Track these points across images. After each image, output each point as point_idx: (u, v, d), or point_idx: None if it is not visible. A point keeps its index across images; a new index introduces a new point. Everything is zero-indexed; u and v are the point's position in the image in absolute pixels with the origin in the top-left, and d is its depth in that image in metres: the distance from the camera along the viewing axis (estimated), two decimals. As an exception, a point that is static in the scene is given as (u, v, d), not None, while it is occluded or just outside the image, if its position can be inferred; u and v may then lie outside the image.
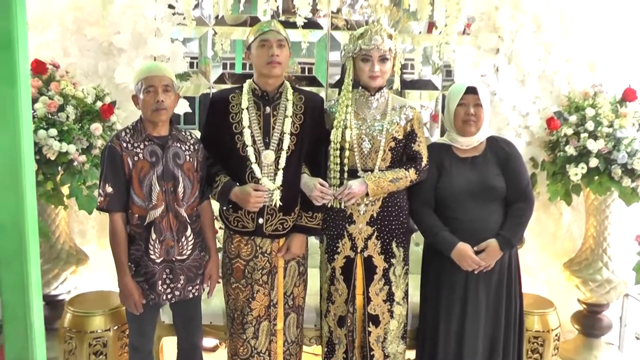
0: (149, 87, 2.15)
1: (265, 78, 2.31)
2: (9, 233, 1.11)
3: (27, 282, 1.12)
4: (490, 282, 2.39)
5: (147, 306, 2.24)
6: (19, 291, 1.12)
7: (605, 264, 2.99)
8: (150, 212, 2.17)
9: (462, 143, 2.43)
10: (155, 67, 2.22)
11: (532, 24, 2.94)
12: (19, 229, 1.11)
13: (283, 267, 2.41)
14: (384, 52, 2.34)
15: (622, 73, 2.97)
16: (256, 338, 2.41)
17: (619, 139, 2.72)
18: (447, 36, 2.89)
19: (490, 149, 2.44)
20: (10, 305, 1.13)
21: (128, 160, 2.15)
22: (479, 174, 2.39)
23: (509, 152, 2.44)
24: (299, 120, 2.34)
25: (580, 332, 3.16)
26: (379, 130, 2.38)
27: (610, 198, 2.93)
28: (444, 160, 2.44)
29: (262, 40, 2.26)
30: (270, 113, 2.33)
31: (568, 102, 2.95)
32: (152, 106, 2.15)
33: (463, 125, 2.39)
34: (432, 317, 2.45)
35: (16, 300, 1.13)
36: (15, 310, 1.13)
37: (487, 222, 2.36)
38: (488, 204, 2.37)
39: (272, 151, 2.29)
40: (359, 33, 2.39)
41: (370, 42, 2.32)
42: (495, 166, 2.40)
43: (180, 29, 3.22)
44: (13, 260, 1.12)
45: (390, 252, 2.43)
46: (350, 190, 2.32)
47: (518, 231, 2.37)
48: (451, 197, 2.39)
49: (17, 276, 1.12)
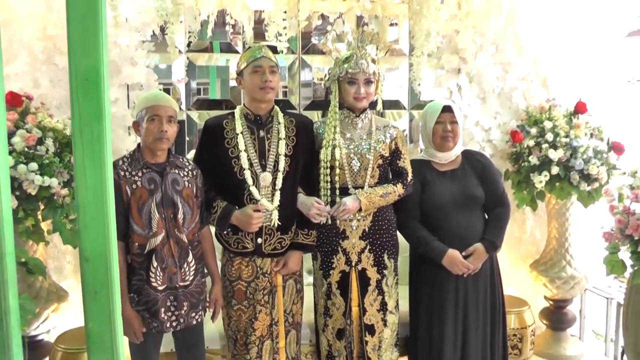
0: (154, 116, 2.18)
1: (258, 103, 2.38)
2: (97, 265, 1.13)
3: (114, 311, 1.14)
4: (478, 285, 2.56)
5: (149, 334, 2.22)
6: (106, 320, 1.14)
7: (568, 262, 3.25)
8: (150, 239, 2.17)
9: (441, 158, 2.61)
10: (162, 97, 2.26)
11: (492, 45, 3.20)
12: (105, 261, 1.13)
13: (282, 286, 2.46)
14: (369, 76, 2.47)
15: (571, 87, 3.27)
16: (259, 357, 2.44)
17: (575, 147, 3.00)
18: (418, 57, 3.07)
19: (467, 162, 2.64)
20: (97, 334, 1.14)
21: (126, 189, 2.15)
22: (460, 185, 2.57)
23: (484, 164, 2.66)
24: (291, 142, 2.42)
25: (548, 327, 3.41)
26: (367, 148, 2.50)
27: (569, 202, 3.20)
28: (426, 175, 2.60)
29: (255, 67, 2.33)
30: (264, 136, 2.39)
31: (527, 116, 3.22)
32: (156, 135, 2.17)
33: (442, 142, 2.57)
34: (425, 323, 2.58)
35: (103, 329, 1.14)
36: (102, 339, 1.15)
37: (471, 229, 2.55)
38: (470, 212, 2.56)
39: (269, 173, 2.36)
40: (345, 57, 2.50)
41: (356, 66, 2.45)
42: (473, 177, 2.60)
43: (149, 56, 3.20)
44: (100, 290, 1.14)
45: (383, 264, 2.54)
46: (345, 206, 2.42)
47: (500, 233, 2.57)
48: (436, 209, 2.55)
49: (104, 306, 1.14)
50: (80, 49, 1.08)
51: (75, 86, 1.09)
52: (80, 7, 1.07)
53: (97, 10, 1.08)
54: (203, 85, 3.40)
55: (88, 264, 1.12)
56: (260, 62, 2.33)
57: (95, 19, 1.07)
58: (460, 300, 2.54)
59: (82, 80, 1.09)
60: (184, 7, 3.06)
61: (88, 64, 1.08)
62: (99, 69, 1.09)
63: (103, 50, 1.10)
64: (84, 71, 1.08)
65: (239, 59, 2.44)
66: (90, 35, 1.08)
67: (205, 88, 3.42)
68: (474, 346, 2.55)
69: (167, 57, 3.19)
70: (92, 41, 1.08)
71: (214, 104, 3.35)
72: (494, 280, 2.62)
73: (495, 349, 2.61)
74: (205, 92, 3.40)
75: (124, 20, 2.98)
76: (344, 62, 2.49)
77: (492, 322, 2.60)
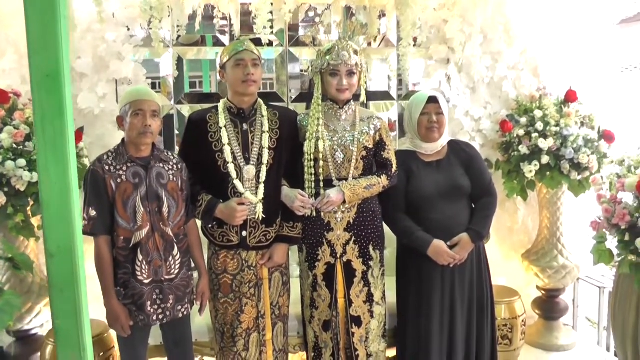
0: (138, 110, 2.18)
1: (241, 96, 2.38)
2: (62, 261, 1.13)
3: (80, 307, 1.15)
4: (464, 275, 2.56)
5: (136, 328, 2.24)
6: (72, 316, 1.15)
7: (560, 251, 3.24)
8: (135, 233, 2.18)
9: (427, 149, 2.60)
10: (145, 92, 2.25)
11: (480, 35, 3.18)
12: (71, 257, 1.14)
13: (268, 279, 2.47)
14: (351, 67, 2.45)
15: (563, 76, 3.25)
16: (247, 350, 2.45)
17: (566, 136, 2.98)
18: (404, 48, 3.06)
19: (452, 152, 2.63)
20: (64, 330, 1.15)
21: (111, 183, 2.16)
22: (445, 175, 2.56)
23: (470, 154, 2.64)
24: (275, 135, 2.42)
25: (541, 317, 3.41)
26: (351, 140, 2.49)
27: (560, 191, 3.19)
28: (412, 165, 2.59)
29: (238, 60, 2.32)
30: (247, 129, 2.39)
31: (517, 105, 3.20)
32: (140, 129, 2.17)
33: (427, 133, 2.56)
34: (413, 314, 2.58)
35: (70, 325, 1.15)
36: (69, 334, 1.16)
37: (457, 219, 2.54)
38: (456, 202, 2.55)
39: (252, 166, 2.36)
40: (327, 49, 2.49)
41: (338, 58, 2.43)
42: (459, 167, 2.59)
43: (136, 51, 3.20)
44: (65, 286, 1.14)
45: (368, 255, 2.55)
46: (329, 199, 2.42)
47: (486, 223, 2.56)
48: (422, 199, 2.55)
49: (70, 303, 1.14)
50: (39, 46, 1.08)
51: (36, 84, 1.09)
52: (38, 4, 1.07)
53: (55, 7, 1.08)
54: (192, 79, 3.39)
55: (53, 261, 1.12)
56: (242, 55, 2.33)
57: (54, 16, 1.07)
58: (446, 290, 2.54)
59: (43, 77, 1.09)
60: (169, 2, 3.05)
61: (48, 61, 1.08)
62: (59, 66, 1.09)
63: (63, 47, 1.10)
64: (45, 69, 1.09)
65: (221, 52, 2.43)
66: (49, 32, 1.08)
67: (194, 82, 3.41)
68: (460, 336, 2.56)
69: (154, 51, 3.18)
70: (51, 39, 1.08)
71: (204, 98, 3.35)
72: (482, 270, 2.62)
73: (483, 339, 2.61)
74: (194, 86, 3.39)
75: (110, 16, 2.97)
76: (326, 54, 2.47)
77: (479, 312, 2.60)
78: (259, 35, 3.04)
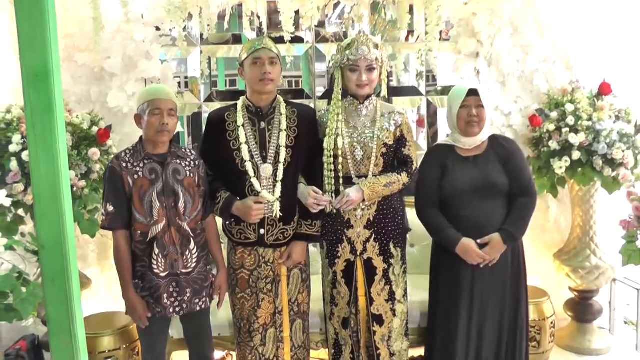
0: (156, 109, 2.23)
1: (259, 95, 2.38)
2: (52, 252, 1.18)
3: (71, 296, 1.19)
4: (496, 275, 2.45)
5: (155, 320, 2.29)
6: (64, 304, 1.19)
7: (593, 251, 3.11)
8: (152, 227, 2.23)
9: (466, 143, 2.50)
10: (162, 91, 2.30)
11: (509, 27, 3.09)
12: (61, 248, 1.18)
13: (286, 275, 2.47)
14: (371, 62, 2.42)
15: (596, 69, 3.11)
16: (264, 345, 2.47)
17: (598, 131, 2.86)
18: (430, 42, 3.01)
19: (491, 147, 2.51)
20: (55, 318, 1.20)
21: (128, 179, 2.22)
22: (481, 171, 2.46)
23: (509, 149, 2.51)
24: (293, 134, 2.41)
25: (573, 319, 3.28)
26: (370, 137, 2.46)
27: (593, 188, 3.06)
28: (447, 160, 2.51)
29: (255, 58, 2.33)
30: (265, 128, 2.40)
31: (548, 99, 3.09)
32: (157, 128, 2.23)
33: (466, 127, 2.45)
34: (441, 314, 2.52)
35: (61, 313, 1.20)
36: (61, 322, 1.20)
37: (491, 218, 2.43)
38: (491, 200, 2.44)
39: (270, 164, 2.37)
40: (346, 44, 2.47)
41: (357, 53, 2.40)
42: (497, 163, 2.47)
43: (167, 50, 3.29)
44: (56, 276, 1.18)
45: (389, 253, 2.52)
46: (348, 198, 2.40)
47: (521, 225, 2.44)
48: (455, 195, 2.46)
49: (60, 292, 1.19)
50: (28, 46, 1.13)
51: (26, 83, 1.13)
52: (27, 4, 1.11)
53: (43, 7, 1.12)
54: (216, 78, 3.45)
55: (44, 251, 1.17)
56: (259, 53, 2.33)
57: (42, 16, 1.11)
58: (476, 290, 2.45)
59: (32, 76, 1.13)
60: (197, 1, 3.11)
61: (37, 60, 1.13)
62: (47, 65, 1.13)
63: (52, 46, 1.15)
64: (34, 68, 1.13)
65: (240, 50, 2.45)
66: (38, 32, 1.12)
67: (224, 80, 3.46)
68: (490, 338, 2.47)
69: (182, 50, 3.25)
70: (39, 38, 1.12)
71: (230, 96, 3.39)
72: (519, 271, 2.50)
73: (516, 341, 2.50)
74: (223, 84, 3.45)
75: (139, 16, 3.06)
76: (346, 49, 2.45)
77: (515, 314, 2.49)
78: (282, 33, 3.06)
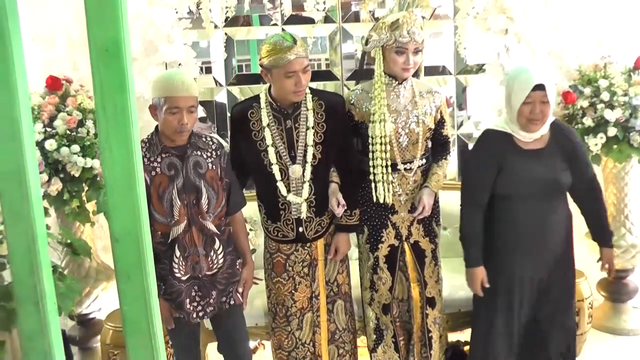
0: (174, 108, 2.00)
1: (289, 101, 2.25)
2: (127, 245, 1.09)
3: (149, 293, 1.10)
4: (549, 257, 2.31)
5: (182, 321, 2.17)
6: (141, 302, 1.11)
7: (629, 229, 3.07)
8: (173, 228, 2.07)
9: (525, 137, 2.23)
10: (181, 86, 2.02)
11: (540, 2, 3.00)
12: (137, 241, 1.09)
13: (323, 258, 2.42)
14: (419, 45, 2.29)
15: (629, 44, 3.05)
16: (300, 329, 2.43)
17: (635, 106, 2.80)
18: (462, 20, 2.92)
19: (554, 140, 2.25)
20: (132, 316, 1.11)
21: (145, 176, 2.01)
22: (545, 169, 2.21)
23: (574, 143, 2.29)
24: (321, 129, 2.30)
25: (607, 299, 3.24)
26: (415, 122, 2.38)
27: (629, 165, 3.01)
28: (506, 153, 2.23)
29: (289, 73, 2.13)
30: (292, 126, 2.28)
31: (580, 75, 3.02)
32: (176, 128, 2.03)
33: (528, 124, 2.17)
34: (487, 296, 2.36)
35: (138, 311, 1.11)
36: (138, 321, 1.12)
37: (552, 220, 2.26)
38: (552, 200, 2.26)
39: (299, 165, 2.28)
40: (391, 22, 2.28)
41: (407, 35, 2.24)
42: (561, 160, 2.23)
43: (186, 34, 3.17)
44: (132, 272, 1.10)
45: (433, 233, 2.50)
46: (425, 205, 2.38)
47: (609, 230, 2.48)
48: (513, 196, 2.24)
49: (137, 289, 1.10)
50: (98, 19, 1.03)
51: (95, 59, 1.04)
52: (96, -25, 1.01)
53: (113, -23, 1.02)
54: (244, 61, 3.34)
55: (118, 245, 1.07)
56: (293, 66, 2.12)
57: (112, -13, 1.02)
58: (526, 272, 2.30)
59: (102, 51, 1.03)
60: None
61: (107, 34, 1.03)
62: (119, 40, 1.03)
63: (123, 19, 1.05)
64: (104, 42, 1.03)
65: (262, 50, 2.18)
66: (108, 4, 1.02)
67: (246, 64, 3.36)
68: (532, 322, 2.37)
69: (204, 33, 3.15)
70: (109, 10, 1.02)
71: (253, 79, 3.29)
72: (568, 254, 2.39)
73: (562, 325, 2.37)
74: (244, 68, 3.34)
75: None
76: (393, 29, 2.25)
77: (561, 297, 2.37)
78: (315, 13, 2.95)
